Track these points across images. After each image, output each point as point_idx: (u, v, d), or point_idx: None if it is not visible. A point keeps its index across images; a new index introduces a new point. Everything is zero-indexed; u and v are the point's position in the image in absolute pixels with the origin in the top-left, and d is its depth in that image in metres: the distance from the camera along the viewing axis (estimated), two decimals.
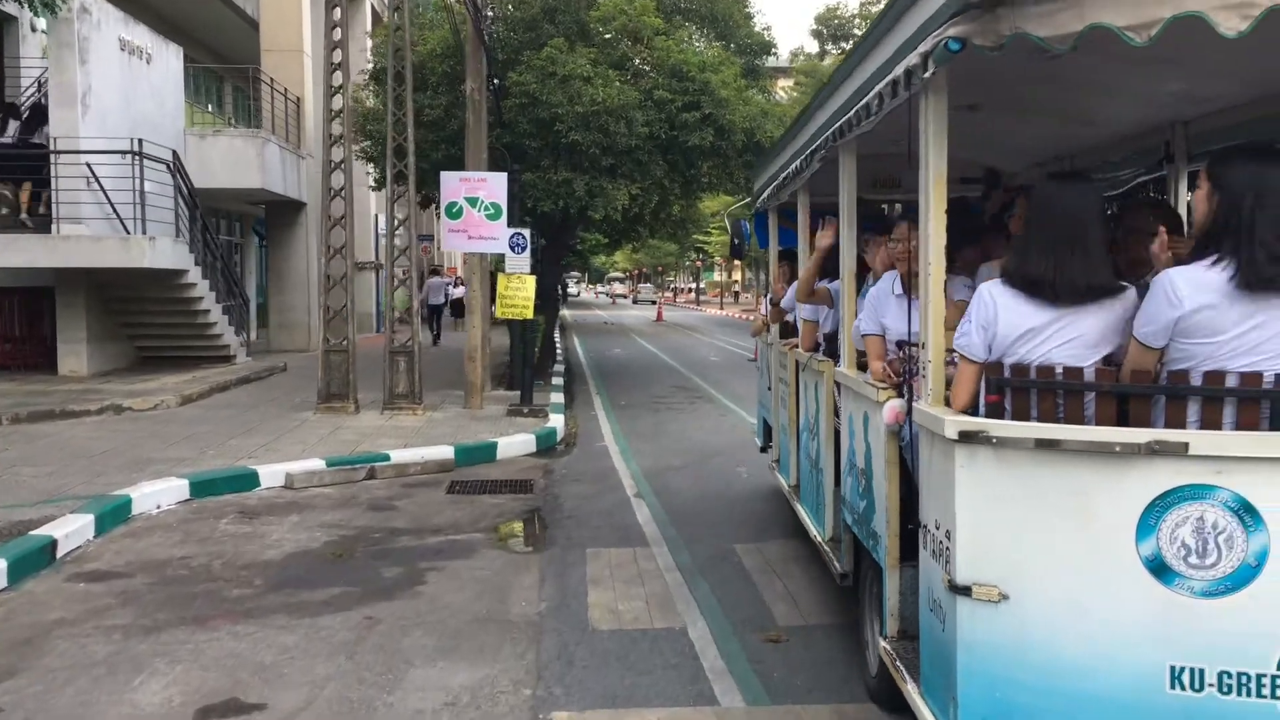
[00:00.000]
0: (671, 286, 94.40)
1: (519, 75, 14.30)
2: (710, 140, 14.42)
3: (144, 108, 15.39)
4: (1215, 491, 2.67)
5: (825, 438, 5.19)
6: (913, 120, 3.18)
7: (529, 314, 14.70)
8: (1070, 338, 3.05)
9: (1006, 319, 3.11)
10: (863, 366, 4.53)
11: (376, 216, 26.33)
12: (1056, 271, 3.04)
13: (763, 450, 8.37)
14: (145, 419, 11.44)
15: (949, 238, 3.14)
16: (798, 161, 5.27)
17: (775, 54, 17.78)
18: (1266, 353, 2.75)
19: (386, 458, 9.27)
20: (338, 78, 12.11)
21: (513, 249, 14.48)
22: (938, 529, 3.09)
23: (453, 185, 12.22)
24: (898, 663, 3.57)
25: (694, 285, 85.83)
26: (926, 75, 2.89)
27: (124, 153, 13.54)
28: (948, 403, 3.16)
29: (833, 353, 5.28)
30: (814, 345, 5.82)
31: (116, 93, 14.53)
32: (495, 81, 14.72)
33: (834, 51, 45.19)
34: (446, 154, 14.68)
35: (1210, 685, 2.66)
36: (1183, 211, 4.37)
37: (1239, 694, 2.64)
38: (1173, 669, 2.69)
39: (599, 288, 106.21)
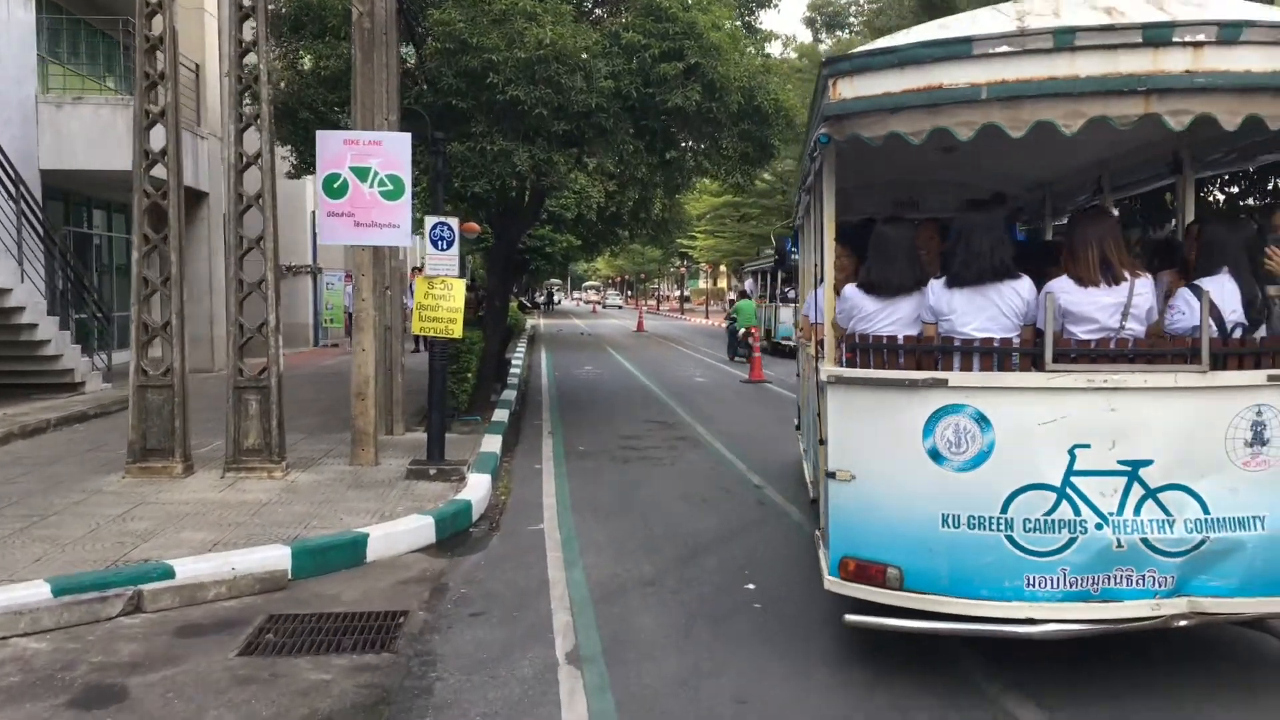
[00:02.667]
0: (656, 294, 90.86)
1: (442, 13, 10.67)
2: (697, 101, 10.82)
3: None
4: (964, 408, 4.26)
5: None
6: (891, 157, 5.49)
7: (456, 331, 11.16)
8: (894, 319, 4.89)
9: (856, 306, 5.02)
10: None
11: (313, 213, 22.70)
12: (880, 277, 4.98)
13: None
14: None
15: (882, 258, 5.04)
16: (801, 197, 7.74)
17: (777, 7, 14.28)
18: (977, 321, 4.55)
19: (167, 574, 5.64)
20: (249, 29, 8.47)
21: (434, 244, 10.93)
22: (823, 441, 4.82)
23: (333, 150, 8.61)
24: (816, 530, 5.51)
25: (679, 292, 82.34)
26: (816, 153, 4.94)
27: None
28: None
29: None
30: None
31: None
32: (415, 30, 11.14)
33: (828, 41, 41.82)
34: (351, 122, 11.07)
35: (964, 523, 4.24)
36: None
37: (980, 529, 4.22)
38: (943, 515, 4.26)
39: (575, 294, 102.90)
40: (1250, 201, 10.83)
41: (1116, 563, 4.14)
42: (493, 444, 10.06)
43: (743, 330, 23.32)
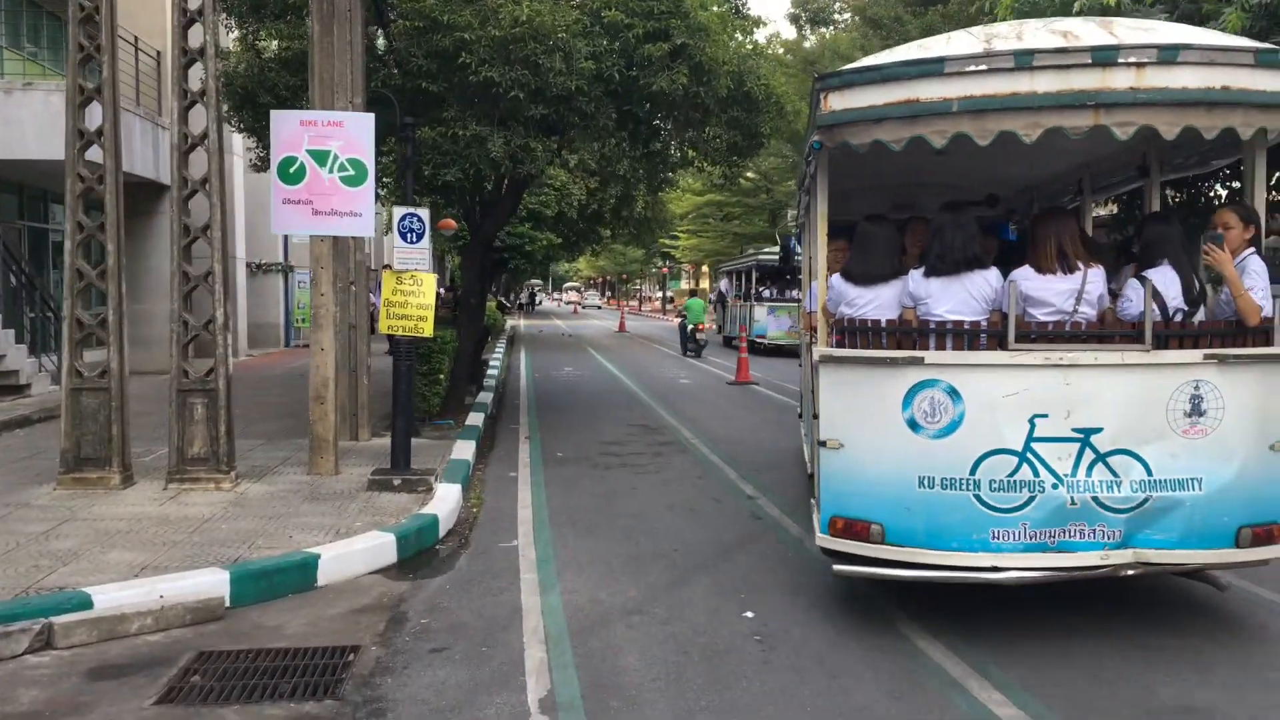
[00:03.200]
0: (638, 295, 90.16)
1: None
2: (683, 84, 10.15)
3: None
4: (938, 383, 4.73)
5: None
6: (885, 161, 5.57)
7: (426, 329, 10.47)
8: (876, 304, 5.38)
9: (841, 294, 5.52)
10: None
11: None
12: (862, 268, 5.53)
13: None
14: None
15: (867, 251, 5.63)
16: (801, 199, 8.18)
17: None
18: (949, 306, 5.06)
19: (84, 604, 4.92)
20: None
21: (402, 236, 10.26)
22: (816, 416, 5.23)
23: (289, 131, 7.90)
24: (811, 499, 5.91)
25: (661, 293, 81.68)
26: (810, 157, 5.47)
27: None
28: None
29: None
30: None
31: None
32: (383, 10, 10.44)
33: (812, 37, 41.23)
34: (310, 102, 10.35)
35: (937, 484, 4.71)
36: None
37: (951, 489, 4.69)
38: (919, 477, 4.73)
39: (556, 295, 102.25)
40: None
41: (1070, 518, 4.68)
42: (465, 450, 9.37)
43: (691, 326, 24.77)
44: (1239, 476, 4.69)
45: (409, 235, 10.33)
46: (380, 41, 11.13)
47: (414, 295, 10.45)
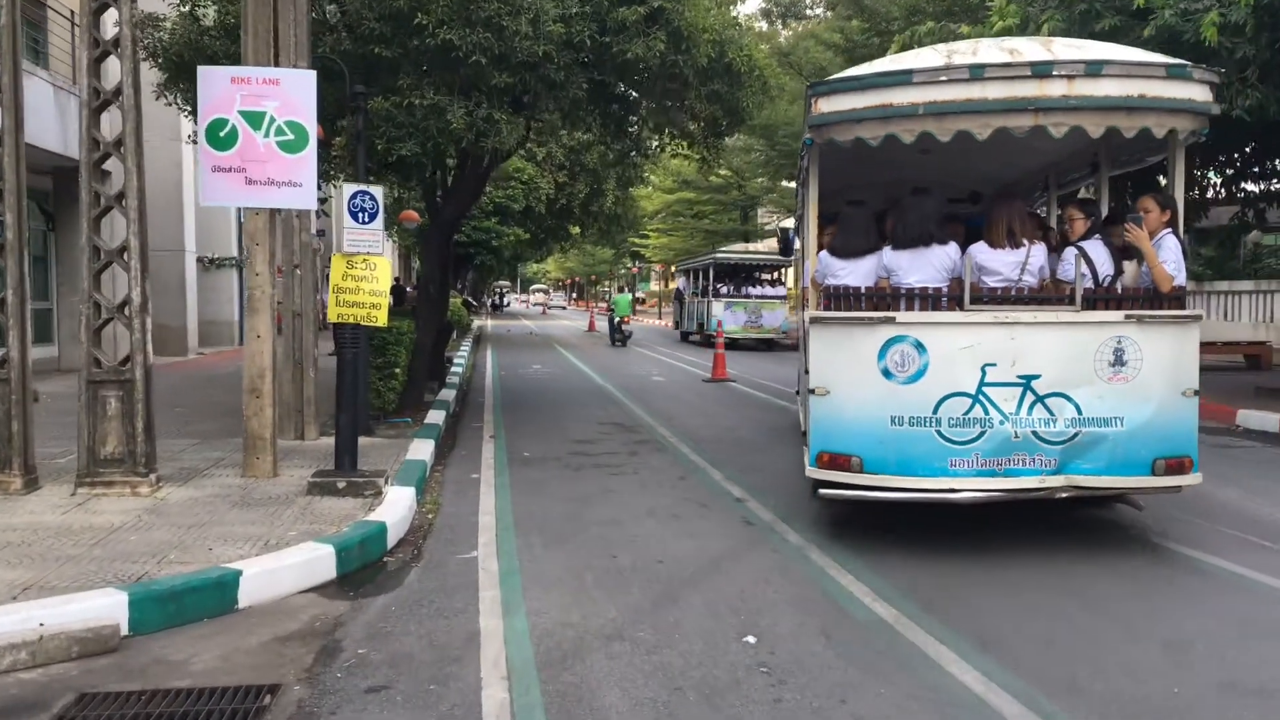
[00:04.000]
0: (607, 297, 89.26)
1: None
2: (660, 52, 9.33)
3: None
4: (907, 338, 5.64)
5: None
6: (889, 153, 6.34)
7: (380, 318, 9.61)
8: (856, 274, 6.29)
9: (827, 266, 6.48)
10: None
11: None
12: (843, 244, 6.49)
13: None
14: None
15: (849, 232, 6.56)
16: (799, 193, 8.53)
17: None
18: (917, 275, 5.96)
19: None
20: None
21: (354, 215, 9.45)
22: (807, 371, 6.22)
23: (218, 89, 6.98)
24: (803, 444, 6.98)
25: (630, 294, 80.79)
26: (804, 153, 6.62)
27: None
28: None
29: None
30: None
31: None
32: None
33: (785, 33, 40.59)
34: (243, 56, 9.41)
35: (906, 423, 5.61)
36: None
37: (917, 426, 5.60)
38: (891, 417, 5.62)
39: (524, 297, 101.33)
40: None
41: (1014, 449, 5.61)
42: (422, 450, 8.49)
43: (619, 319, 28.33)
44: (1154, 416, 5.62)
45: (360, 215, 9.49)
46: (330, 6, 10.23)
47: (366, 281, 9.60)
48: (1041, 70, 5.47)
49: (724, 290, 27.09)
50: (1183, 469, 5.67)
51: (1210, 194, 14.42)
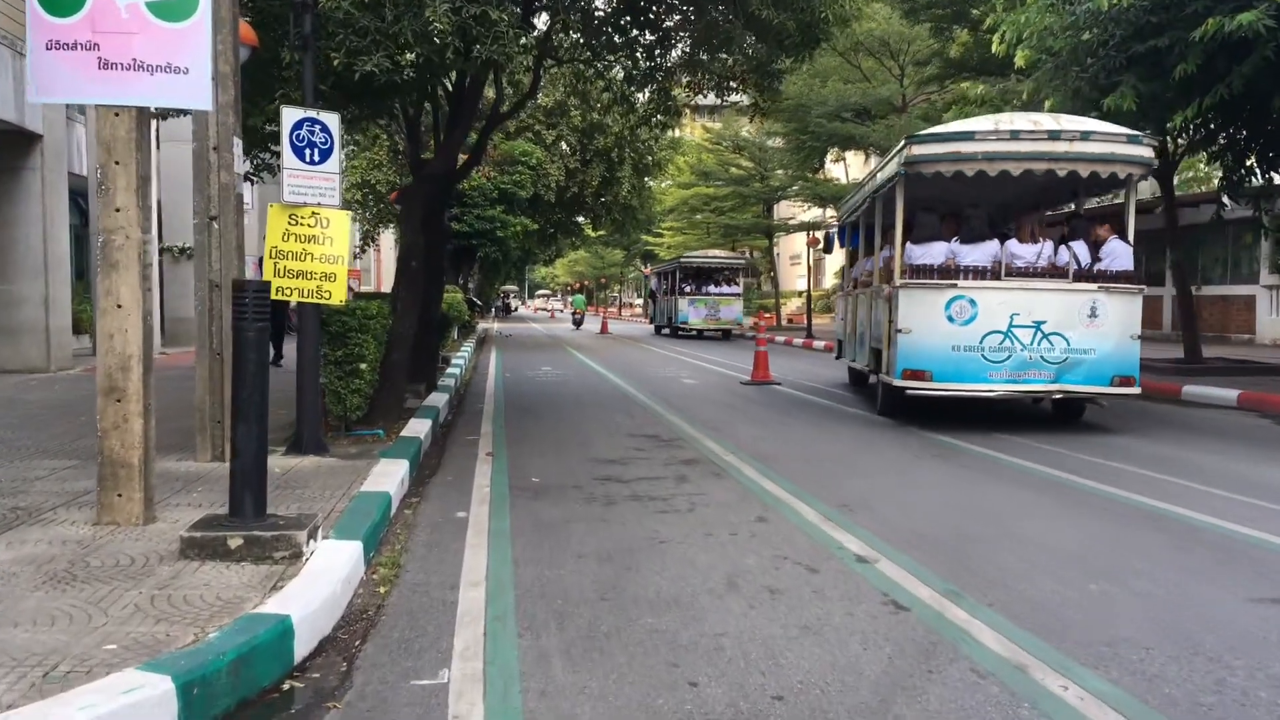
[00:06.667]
0: (618, 300, 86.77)
1: None
2: None
3: None
4: (964, 297, 8.90)
5: (870, 319, 11.30)
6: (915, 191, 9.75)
7: (336, 294, 7.24)
8: (930, 255, 9.29)
9: (909, 252, 9.39)
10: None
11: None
12: (919, 237, 9.52)
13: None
14: None
15: (922, 230, 9.62)
16: (863, 202, 12.02)
17: None
18: (973, 258, 9.18)
19: None
20: None
21: (298, 153, 7.12)
22: (899, 323, 9.14)
23: None
24: (876, 378, 10.71)
25: (641, 299, 78.23)
26: (896, 177, 9.50)
27: None
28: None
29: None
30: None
31: None
32: None
33: None
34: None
35: (962, 350, 8.87)
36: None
37: (969, 352, 8.88)
38: (951, 346, 8.88)
39: (531, 302, 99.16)
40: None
41: (1029, 367, 8.89)
42: (388, 476, 5.96)
43: (580, 313, 42.99)
44: (1113, 350, 8.96)
45: (308, 152, 7.07)
46: None
47: (317, 244, 7.18)
48: (1054, 134, 8.92)
49: (688, 289, 31.27)
50: (1129, 384, 8.97)
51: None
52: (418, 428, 8.07)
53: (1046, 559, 4.76)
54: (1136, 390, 8.97)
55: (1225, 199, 15.68)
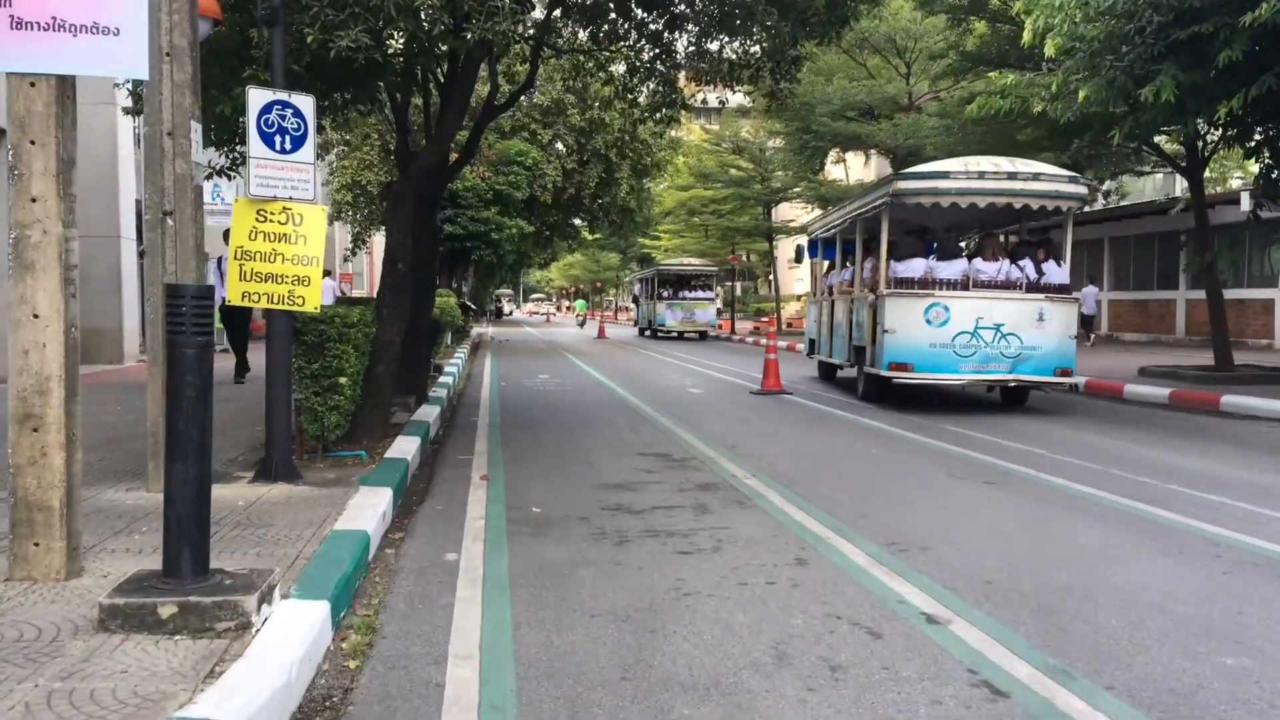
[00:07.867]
0: (613, 304, 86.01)
1: None
2: None
3: None
4: (939, 304, 11.03)
5: (852, 320, 13.12)
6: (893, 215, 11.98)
7: (310, 300, 6.45)
8: (910, 270, 11.50)
9: (894, 268, 11.58)
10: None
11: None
12: (902, 254, 11.84)
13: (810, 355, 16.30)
14: None
15: (903, 248, 12.00)
16: (843, 222, 14.13)
17: None
18: (947, 273, 11.43)
19: None
20: None
21: (266, 140, 6.36)
22: (886, 325, 11.22)
23: None
24: (855, 368, 13.05)
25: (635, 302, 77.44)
26: (882, 205, 11.74)
27: None
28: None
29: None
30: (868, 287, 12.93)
31: None
32: None
33: None
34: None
35: (937, 346, 11.02)
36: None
37: (943, 348, 11.02)
38: (929, 343, 11.02)
39: (526, 306, 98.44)
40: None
41: (990, 360, 10.93)
42: (367, 509, 5.17)
43: (582, 315, 50.04)
44: (1056, 347, 11.05)
45: (278, 139, 6.31)
46: None
47: (287, 242, 6.39)
48: (1012, 175, 11.30)
49: (665, 294, 33.77)
50: (1068, 374, 11.20)
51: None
52: (405, 447, 7.28)
53: (1160, 621, 3.97)
54: (1075, 380, 11.72)
55: (1246, 199, 15.01)
